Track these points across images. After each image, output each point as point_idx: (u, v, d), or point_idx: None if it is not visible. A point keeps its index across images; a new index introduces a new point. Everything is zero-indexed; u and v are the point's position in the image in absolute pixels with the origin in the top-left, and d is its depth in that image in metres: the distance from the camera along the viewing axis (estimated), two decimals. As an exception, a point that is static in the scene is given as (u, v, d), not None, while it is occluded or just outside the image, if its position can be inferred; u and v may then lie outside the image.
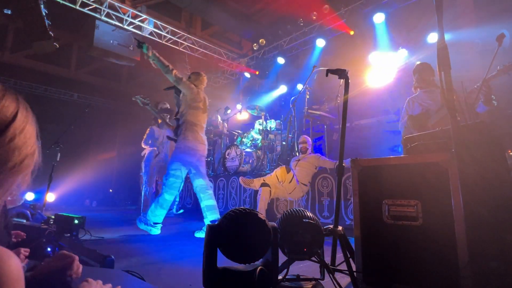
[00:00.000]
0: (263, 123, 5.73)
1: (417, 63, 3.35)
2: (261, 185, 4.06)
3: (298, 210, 1.54)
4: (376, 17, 5.68)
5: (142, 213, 3.52)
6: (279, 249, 1.43)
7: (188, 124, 3.63)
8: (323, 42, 6.64)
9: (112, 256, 1.69)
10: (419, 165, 1.56)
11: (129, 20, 6.30)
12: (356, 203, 1.73)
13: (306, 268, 2.01)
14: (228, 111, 6.76)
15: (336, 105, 3.96)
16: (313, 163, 4.07)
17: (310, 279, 1.53)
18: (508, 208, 1.32)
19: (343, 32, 6.31)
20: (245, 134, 6.17)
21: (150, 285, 1.48)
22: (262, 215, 1.34)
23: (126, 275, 1.53)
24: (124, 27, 6.35)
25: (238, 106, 7.14)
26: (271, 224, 1.36)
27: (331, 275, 1.47)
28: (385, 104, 5.11)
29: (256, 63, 8.27)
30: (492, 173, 1.38)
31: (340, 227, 1.72)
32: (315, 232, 1.48)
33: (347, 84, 1.88)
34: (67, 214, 2.79)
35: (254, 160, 5.58)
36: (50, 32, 4.49)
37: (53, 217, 2.79)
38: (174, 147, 3.75)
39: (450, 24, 4.65)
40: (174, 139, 3.78)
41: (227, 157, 5.70)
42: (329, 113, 5.58)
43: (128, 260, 2.32)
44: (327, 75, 1.89)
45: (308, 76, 4.49)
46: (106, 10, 5.96)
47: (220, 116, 6.82)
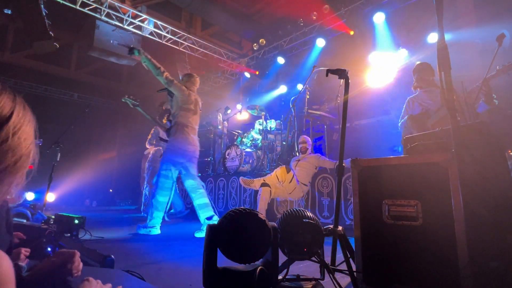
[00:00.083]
0: (263, 123, 5.73)
1: (417, 63, 3.36)
2: (261, 185, 4.06)
3: (298, 210, 1.54)
4: (376, 17, 5.67)
5: (141, 225, 3.55)
6: (279, 249, 1.43)
7: (179, 126, 3.64)
8: (323, 42, 6.64)
9: (112, 256, 1.69)
10: (419, 165, 1.56)
11: (129, 20, 6.30)
12: (356, 203, 1.73)
13: (306, 268, 2.01)
14: (228, 111, 6.76)
15: (336, 105, 3.95)
16: (313, 163, 4.08)
17: (310, 279, 1.53)
18: (508, 208, 1.32)
19: (343, 32, 6.31)
20: (245, 134, 6.17)
21: (150, 285, 1.48)
22: (262, 215, 1.34)
23: (126, 275, 1.53)
24: (124, 27, 6.35)
25: (238, 106, 7.15)
26: (271, 224, 1.36)
27: (331, 275, 1.47)
28: (385, 104, 5.11)
29: (256, 63, 8.27)
30: (492, 173, 1.38)
31: (340, 227, 1.72)
32: (315, 232, 1.48)
33: (347, 84, 1.88)
34: (67, 214, 2.79)
35: (254, 160, 5.58)
36: (50, 32, 4.49)
37: (53, 217, 2.80)
38: (165, 148, 3.78)
39: (450, 24, 4.65)
40: (165, 140, 3.80)
41: (227, 157, 5.70)
42: (329, 113, 5.58)
43: (128, 260, 2.32)
44: (327, 75, 1.89)
45: (308, 76, 4.49)
46: (106, 10, 5.96)
47: (220, 116, 6.83)
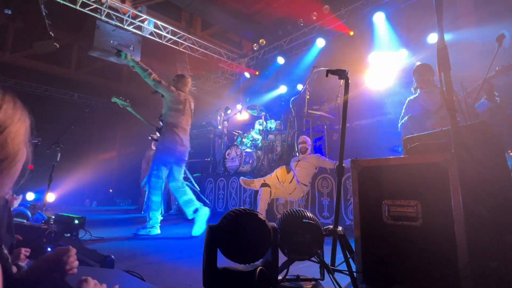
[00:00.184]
0: (263, 123, 5.73)
1: (417, 64, 3.36)
2: (261, 185, 4.06)
3: (298, 211, 1.54)
4: (376, 17, 5.67)
5: (140, 227, 3.56)
6: (279, 249, 1.43)
7: (169, 126, 3.65)
8: (323, 42, 6.64)
9: (112, 256, 1.69)
10: (419, 166, 1.56)
11: (129, 20, 6.31)
12: (356, 204, 1.73)
13: (306, 268, 2.00)
14: (228, 111, 6.76)
15: (336, 106, 3.95)
16: (313, 163, 4.08)
17: (310, 279, 1.53)
18: (508, 208, 1.32)
19: (343, 33, 6.31)
20: (245, 134, 6.17)
21: (150, 285, 1.48)
22: (262, 216, 1.34)
23: (126, 275, 1.53)
24: (125, 27, 6.36)
25: (238, 106, 7.15)
26: (271, 225, 1.36)
27: (331, 275, 1.47)
28: (385, 105, 5.11)
29: (256, 63, 8.27)
30: (492, 173, 1.38)
31: (340, 227, 1.72)
32: (315, 233, 1.48)
33: (347, 85, 1.88)
34: (67, 214, 2.80)
35: (254, 160, 5.58)
36: (50, 32, 4.49)
37: (53, 217, 2.80)
38: (156, 148, 3.80)
39: (450, 24, 4.64)
40: (155, 140, 3.83)
41: (227, 157, 5.70)
42: (329, 113, 5.57)
43: (128, 260, 2.32)
44: (327, 76, 1.89)
45: (308, 76, 4.49)
46: (107, 11, 5.96)
47: (220, 116, 6.83)
